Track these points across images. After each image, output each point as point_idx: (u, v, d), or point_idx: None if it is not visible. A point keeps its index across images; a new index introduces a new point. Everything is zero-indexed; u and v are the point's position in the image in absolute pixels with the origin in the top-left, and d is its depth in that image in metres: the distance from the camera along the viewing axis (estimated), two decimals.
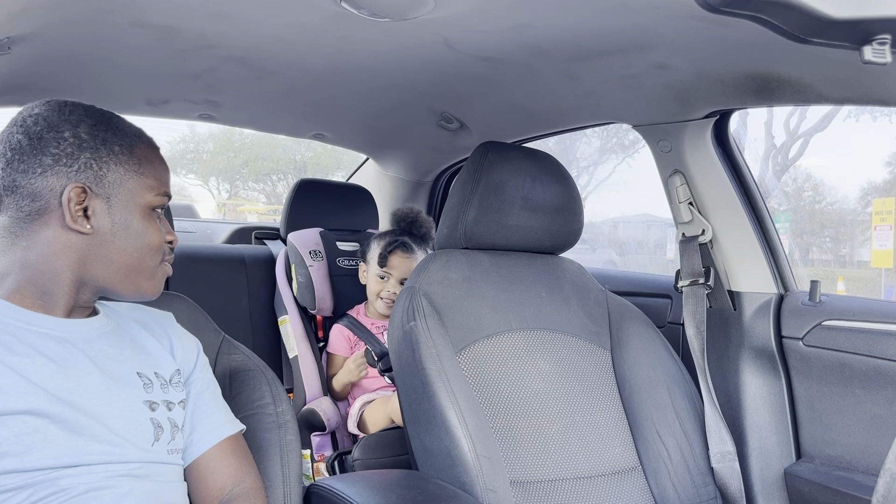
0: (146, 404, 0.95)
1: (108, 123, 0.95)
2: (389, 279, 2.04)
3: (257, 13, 1.26)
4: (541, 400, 1.40)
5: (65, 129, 0.91)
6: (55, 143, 0.90)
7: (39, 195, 0.89)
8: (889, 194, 10.03)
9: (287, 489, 1.13)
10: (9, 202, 0.90)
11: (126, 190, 0.94)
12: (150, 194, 0.96)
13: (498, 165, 1.50)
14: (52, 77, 1.64)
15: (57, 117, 0.92)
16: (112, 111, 0.99)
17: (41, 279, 0.91)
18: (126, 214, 0.94)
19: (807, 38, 0.96)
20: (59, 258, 0.91)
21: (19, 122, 0.93)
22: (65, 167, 0.89)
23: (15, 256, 0.91)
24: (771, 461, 1.55)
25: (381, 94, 1.84)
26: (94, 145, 0.92)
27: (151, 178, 0.97)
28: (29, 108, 0.94)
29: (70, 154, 0.90)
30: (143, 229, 0.95)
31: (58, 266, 0.91)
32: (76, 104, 0.96)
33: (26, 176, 0.89)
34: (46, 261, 0.90)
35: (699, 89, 1.41)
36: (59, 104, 0.94)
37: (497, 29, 1.26)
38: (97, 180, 0.91)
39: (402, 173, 2.63)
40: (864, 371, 1.42)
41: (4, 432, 0.82)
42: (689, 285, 1.61)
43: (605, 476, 1.39)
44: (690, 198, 1.63)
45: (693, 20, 1.08)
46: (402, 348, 1.34)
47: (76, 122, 0.92)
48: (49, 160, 0.89)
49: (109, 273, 0.94)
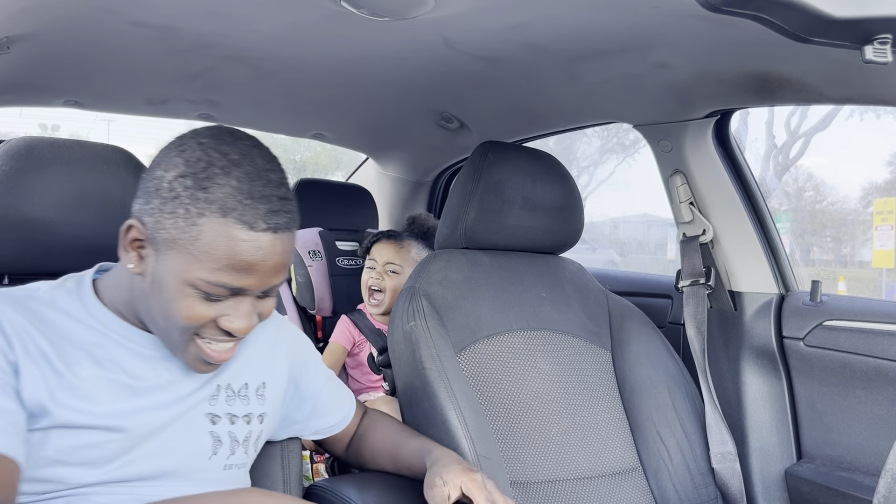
0: (208, 417, 0.96)
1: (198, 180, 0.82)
2: (375, 267, 2.03)
3: (257, 12, 1.25)
4: (541, 400, 1.40)
5: (160, 168, 0.85)
6: (149, 178, 0.86)
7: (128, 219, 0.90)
8: (890, 194, 10.03)
9: (287, 490, 1.14)
10: None
11: (172, 257, 0.83)
12: (197, 275, 0.82)
13: (498, 165, 1.49)
14: (51, 76, 1.64)
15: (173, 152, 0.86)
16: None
17: (127, 299, 0.92)
18: (164, 276, 0.84)
19: (808, 38, 0.96)
20: (126, 288, 0.91)
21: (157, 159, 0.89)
22: (142, 202, 0.86)
23: (117, 271, 0.94)
24: (772, 461, 1.55)
25: (381, 94, 1.84)
26: (167, 197, 0.83)
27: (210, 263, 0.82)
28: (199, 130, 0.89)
29: (149, 193, 0.85)
30: (171, 300, 0.84)
31: (126, 295, 0.92)
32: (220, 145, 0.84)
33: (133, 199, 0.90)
34: (121, 286, 0.92)
35: (700, 89, 1.41)
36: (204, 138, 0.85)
37: (497, 28, 1.25)
38: (152, 230, 0.84)
39: (401, 173, 2.63)
40: (865, 371, 1.41)
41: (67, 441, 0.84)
42: (689, 285, 1.61)
43: (606, 476, 1.38)
44: (691, 198, 1.62)
45: (694, 19, 1.07)
46: (402, 348, 1.34)
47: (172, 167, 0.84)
48: (141, 190, 0.88)
49: (149, 321, 0.90)
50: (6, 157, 1.04)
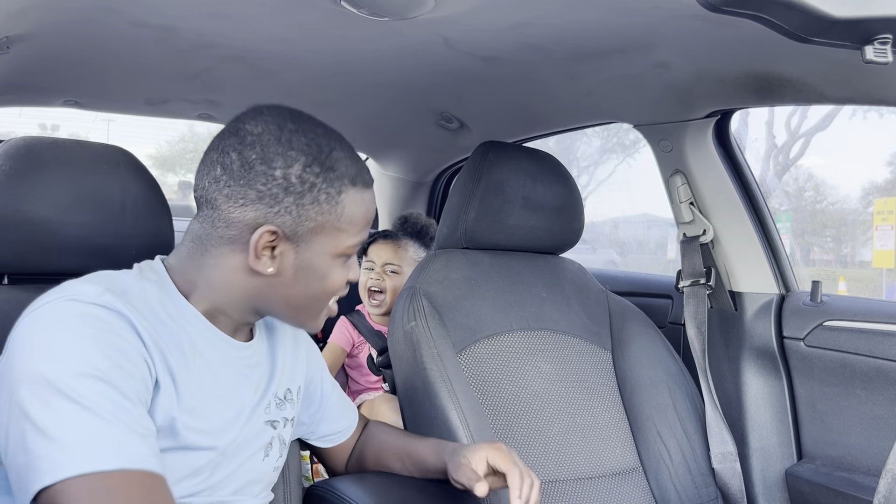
0: (268, 423, 0.98)
1: (325, 163, 0.86)
2: (374, 268, 2.03)
3: (257, 12, 1.25)
4: (541, 400, 1.40)
5: (277, 167, 0.83)
6: (263, 179, 0.83)
7: (234, 224, 0.85)
8: (890, 194, 10.03)
9: (287, 490, 1.14)
10: (207, 214, 0.87)
11: (320, 239, 0.87)
12: (345, 244, 0.90)
13: (498, 165, 1.49)
14: (51, 76, 1.64)
15: (275, 146, 0.84)
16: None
17: (219, 301, 0.89)
18: (312, 260, 0.88)
19: (808, 38, 0.96)
20: (240, 289, 0.89)
21: (240, 133, 0.86)
22: (265, 206, 0.84)
23: (201, 270, 0.89)
24: (772, 462, 1.55)
25: (381, 94, 1.84)
26: (301, 190, 0.84)
27: (352, 227, 0.90)
28: (254, 117, 0.87)
29: (275, 196, 0.84)
30: (325, 275, 0.90)
31: (237, 295, 0.89)
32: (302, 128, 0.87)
33: (227, 201, 0.84)
34: (228, 287, 0.88)
35: (700, 89, 1.41)
36: (281, 123, 0.86)
37: (497, 28, 1.25)
38: (293, 226, 0.85)
39: (402, 173, 2.63)
40: (865, 371, 1.41)
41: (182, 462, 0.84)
42: (690, 285, 1.61)
43: (606, 477, 1.38)
44: (691, 198, 1.62)
45: (694, 19, 1.07)
46: (403, 348, 1.34)
47: (291, 161, 0.84)
48: (254, 195, 0.84)
49: (281, 309, 0.92)
50: (6, 157, 1.04)
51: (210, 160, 0.87)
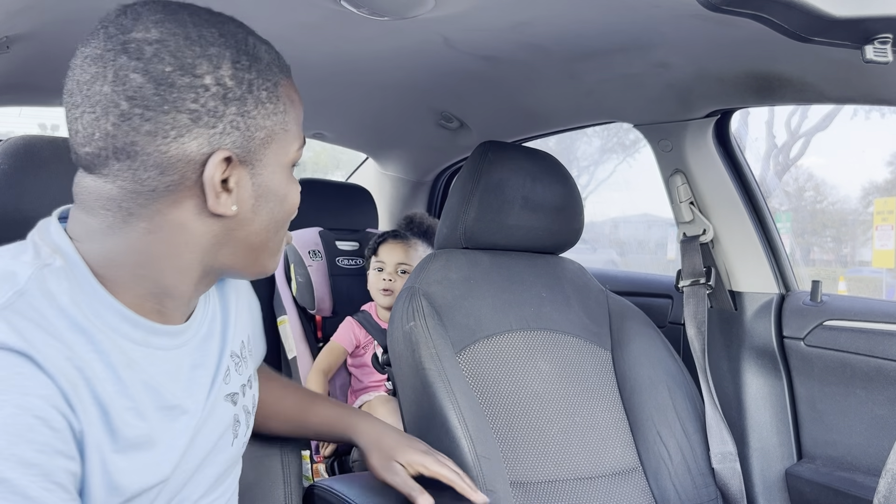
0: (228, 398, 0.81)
1: (250, 54, 0.68)
2: (385, 268, 2.04)
3: (256, 12, 1.25)
4: (541, 400, 1.40)
5: (204, 74, 0.64)
6: (193, 95, 0.63)
7: (172, 167, 0.64)
8: (890, 194, 10.03)
9: (288, 489, 1.13)
10: (121, 169, 0.64)
11: (272, 151, 0.70)
12: (293, 147, 0.74)
13: (498, 165, 1.49)
14: (51, 76, 1.63)
15: (189, 48, 0.64)
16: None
17: (165, 279, 0.69)
18: (269, 181, 0.71)
19: (808, 37, 0.96)
20: (190, 249, 0.69)
21: (132, 51, 0.63)
22: (206, 128, 0.64)
23: (129, 242, 0.67)
24: (772, 462, 1.55)
25: (381, 93, 1.84)
26: (241, 95, 0.66)
27: (295, 126, 0.73)
28: (135, 21, 0.64)
29: (213, 110, 0.65)
30: (285, 195, 0.73)
31: (187, 260, 0.69)
32: (194, 13, 0.67)
33: (154, 140, 0.63)
34: (174, 253, 0.68)
35: (700, 88, 1.41)
36: (176, 17, 0.65)
37: (497, 28, 1.25)
38: (244, 144, 0.67)
39: (401, 173, 2.63)
40: (865, 371, 1.41)
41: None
42: (690, 285, 1.61)
43: (606, 477, 1.38)
44: (691, 197, 1.62)
45: (694, 19, 1.07)
46: (402, 349, 1.34)
47: (217, 61, 0.65)
48: (185, 118, 0.63)
49: (238, 258, 0.73)
50: (5, 157, 1.04)
51: (97, 97, 0.64)
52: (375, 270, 2.07)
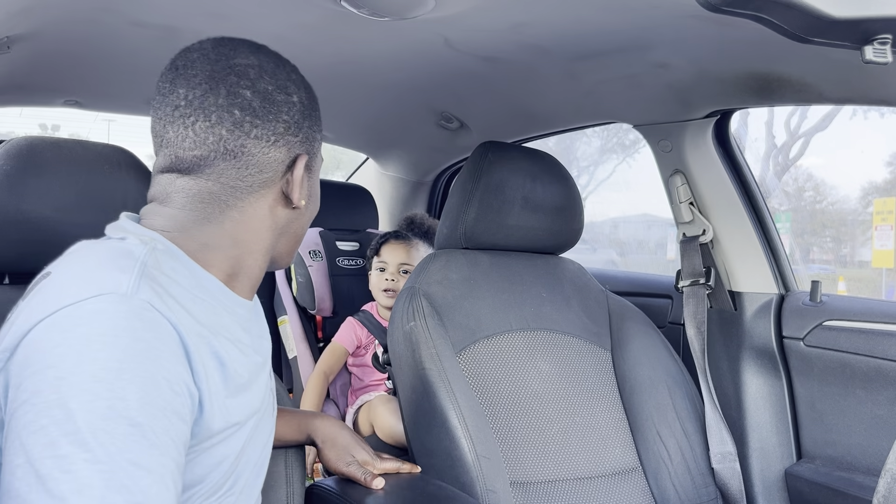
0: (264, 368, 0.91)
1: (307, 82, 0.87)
2: (387, 268, 2.05)
3: (257, 12, 1.25)
4: (541, 400, 1.40)
5: (293, 92, 0.81)
6: (286, 108, 0.80)
7: (268, 166, 0.79)
8: (890, 194, 10.02)
9: (290, 489, 1.13)
10: (225, 167, 0.77)
11: (317, 158, 0.88)
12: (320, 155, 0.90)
13: (498, 165, 1.49)
14: (51, 76, 1.64)
15: (280, 72, 0.81)
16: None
17: (247, 259, 0.82)
18: (314, 183, 0.89)
19: (808, 38, 0.96)
20: (268, 235, 0.83)
21: (237, 70, 0.78)
22: (292, 136, 0.81)
23: (223, 229, 0.79)
24: (771, 462, 1.55)
25: (381, 94, 1.84)
26: (312, 113, 0.84)
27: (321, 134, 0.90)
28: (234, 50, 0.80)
29: (297, 123, 0.81)
30: (317, 194, 0.91)
31: (265, 244, 0.83)
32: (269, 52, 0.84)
33: (259, 143, 0.77)
34: (258, 238, 0.81)
35: (700, 89, 1.41)
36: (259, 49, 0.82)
37: (497, 28, 1.25)
38: (312, 151, 0.85)
39: (402, 173, 2.63)
40: (865, 371, 1.41)
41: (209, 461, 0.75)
42: (689, 285, 1.61)
43: (606, 476, 1.39)
44: (691, 198, 1.62)
45: (694, 19, 1.07)
46: (402, 349, 1.34)
47: (298, 83, 0.83)
48: (281, 127, 0.79)
49: (289, 246, 0.89)
50: (6, 157, 1.04)
51: (211, 109, 0.76)
52: (377, 270, 2.07)
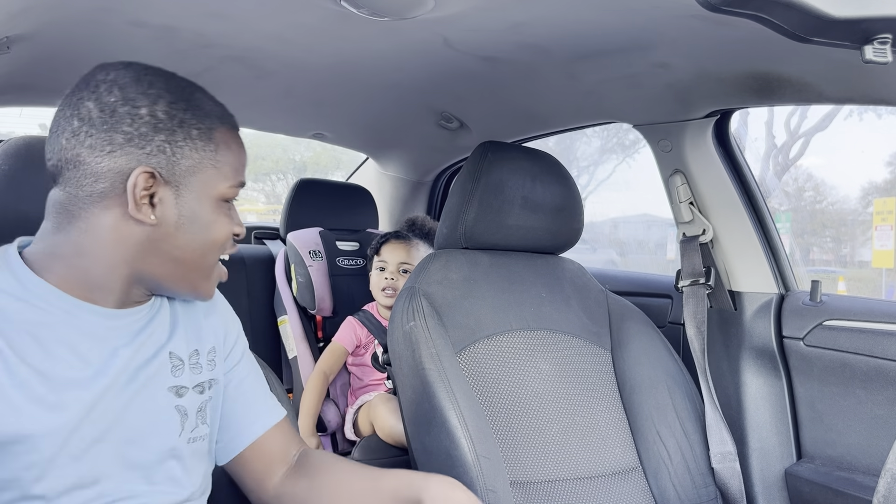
0: (172, 391, 0.90)
1: (189, 101, 0.85)
2: (387, 268, 2.05)
3: (256, 12, 1.25)
4: (541, 400, 1.40)
5: (141, 105, 0.80)
6: (129, 121, 0.80)
7: (104, 176, 0.80)
8: (890, 194, 10.02)
9: None
10: (70, 177, 0.81)
11: (199, 180, 0.84)
12: (224, 185, 0.87)
13: (498, 165, 1.49)
14: (51, 76, 1.63)
15: (134, 87, 0.81)
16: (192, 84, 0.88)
17: (95, 270, 0.83)
18: (195, 206, 0.85)
19: (807, 38, 0.96)
20: (117, 248, 0.82)
21: (92, 87, 0.81)
22: (136, 148, 0.80)
23: (69, 238, 0.82)
24: (771, 461, 1.55)
25: (381, 94, 1.84)
26: (171, 127, 0.82)
27: (228, 167, 0.87)
28: (104, 70, 0.83)
29: (143, 135, 0.80)
30: (210, 223, 0.86)
31: (115, 257, 0.83)
32: (157, 72, 0.85)
33: (93, 152, 0.79)
34: (103, 250, 0.82)
35: (700, 89, 1.41)
36: (138, 71, 0.84)
37: (497, 28, 1.25)
38: (169, 167, 0.81)
39: (402, 173, 2.63)
40: (865, 371, 1.41)
41: (14, 463, 0.77)
42: (689, 285, 1.61)
43: (606, 476, 1.38)
44: (691, 197, 1.62)
45: (694, 19, 1.07)
46: (402, 349, 1.34)
47: (155, 99, 0.82)
48: (120, 138, 0.79)
49: (167, 269, 0.86)
50: (6, 157, 1.04)
51: (62, 118, 0.81)
52: (378, 270, 2.07)
